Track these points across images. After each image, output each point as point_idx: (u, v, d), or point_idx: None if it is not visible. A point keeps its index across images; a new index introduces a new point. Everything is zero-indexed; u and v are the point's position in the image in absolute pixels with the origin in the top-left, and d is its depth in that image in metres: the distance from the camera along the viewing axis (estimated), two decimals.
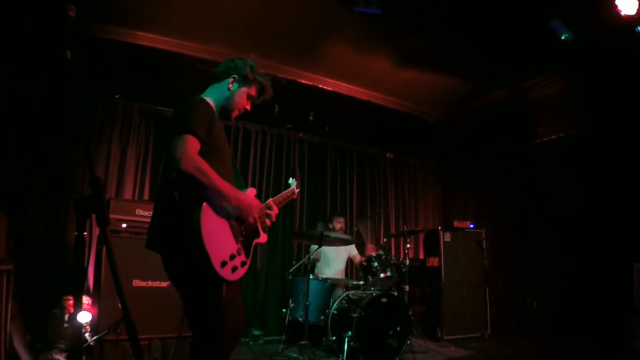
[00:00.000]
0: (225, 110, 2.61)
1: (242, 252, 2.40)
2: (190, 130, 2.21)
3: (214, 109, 2.52)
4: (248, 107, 2.70)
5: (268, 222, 2.69)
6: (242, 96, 2.62)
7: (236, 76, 2.60)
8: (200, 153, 2.20)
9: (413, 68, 6.97)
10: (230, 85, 2.59)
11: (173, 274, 2.30)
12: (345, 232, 6.95)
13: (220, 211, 2.26)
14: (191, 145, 2.18)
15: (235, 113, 2.66)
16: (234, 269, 2.28)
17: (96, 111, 6.09)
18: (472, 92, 7.78)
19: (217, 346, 2.23)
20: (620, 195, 6.27)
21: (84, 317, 4.47)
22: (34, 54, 5.50)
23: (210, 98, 2.55)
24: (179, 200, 2.22)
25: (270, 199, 2.85)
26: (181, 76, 6.17)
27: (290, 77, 7.05)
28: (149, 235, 2.37)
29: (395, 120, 8.41)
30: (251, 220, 2.38)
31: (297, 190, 3.42)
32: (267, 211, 2.69)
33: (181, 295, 2.30)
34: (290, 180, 3.52)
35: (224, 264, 2.19)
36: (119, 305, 1.51)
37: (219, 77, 2.63)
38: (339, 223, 6.81)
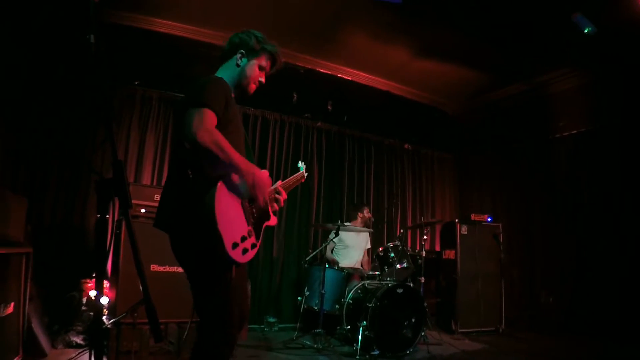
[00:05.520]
0: (240, 86, 2.58)
1: (253, 234, 2.37)
2: (207, 104, 2.18)
3: (230, 88, 2.47)
4: (263, 79, 2.64)
5: (276, 206, 2.64)
6: (253, 69, 2.57)
7: (243, 51, 2.56)
8: None
9: (432, 59, 6.89)
10: (239, 61, 2.56)
11: (182, 254, 2.28)
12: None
13: (235, 189, 2.23)
14: (209, 118, 2.16)
15: (252, 86, 2.61)
16: (245, 250, 2.24)
17: (115, 97, 6.13)
18: (491, 85, 7.68)
19: (224, 329, 2.20)
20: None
21: (102, 300, 4.52)
22: (55, 38, 5.54)
23: (223, 78, 2.50)
24: (192, 179, 2.19)
25: (279, 182, 2.80)
26: (198, 63, 6.16)
27: (308, 66, 7.00)
28: (157, 214, 2.34)
29: (413, 111, 8.35)
30: (261, 200, 2.31)
31: (306, 174, 3.37)
32: (276, 195, 2.65)
33: (189, 277, 2.28)
34: (300, 164, 3.46)
35: (235, 245, 2.16)
36: (140, 289, 1.51)
37: (227, 56, 2.60)
38: (368, 213, 6.85)
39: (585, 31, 5.48)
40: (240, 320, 2.37)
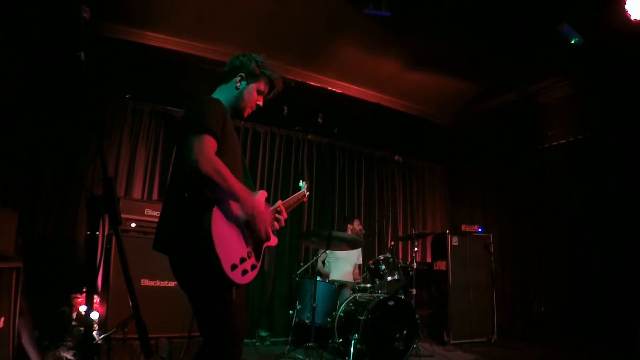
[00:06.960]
0: (236, 109, 2.57)
1: (253, 255, 2.34)
2: (207, 129, 2.16)
3: (226, 108, 2.47)
4: (260, 103, 2.64)
5: (277, 225, 2.58)
6: (251, 93, 2.57)
7: (243, 74, 2.55)
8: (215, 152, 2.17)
9: (422, 70, 6.95)
10: (238, 83, 2.55)
11: (181, 276, 2.26)
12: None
13: (232, 216, 2.22)
14: (210, 145, 2.15)
15: (248, 111, 2.62)
16: (244, 272, 2.22)
17: (106, 111, 6.13)
18: (481, 95, 7.74)
19: (226, 348, 2.19)
20: (630, 202, 6.21)
21: (93, 315, 4.49)
22: (46, 53, 5.54)
23: (220, 98, 2.48)
24: (189, 201, 2.17)
25: (280, 202, 2.75)
26: (189, 76, 6.19)
27: (299, 79, 7.04)
28: (156, 236, 2.32)
29: (404, 123, 8.40)
30: (263, 233, 2.32)
31: (307, 193, 3.35)
32: (277, 215, 2.60)
33: (190, 298, 2.26)
34: (301, 183, 3.41)
35: (234, 267, 2.14)
36: (130, 304, 1.51)
37: (227, 77, 2.59)
38: (359, 225, 6.84)
39: (572, 42, 5.55)
40: (239, 339, 2.36)
